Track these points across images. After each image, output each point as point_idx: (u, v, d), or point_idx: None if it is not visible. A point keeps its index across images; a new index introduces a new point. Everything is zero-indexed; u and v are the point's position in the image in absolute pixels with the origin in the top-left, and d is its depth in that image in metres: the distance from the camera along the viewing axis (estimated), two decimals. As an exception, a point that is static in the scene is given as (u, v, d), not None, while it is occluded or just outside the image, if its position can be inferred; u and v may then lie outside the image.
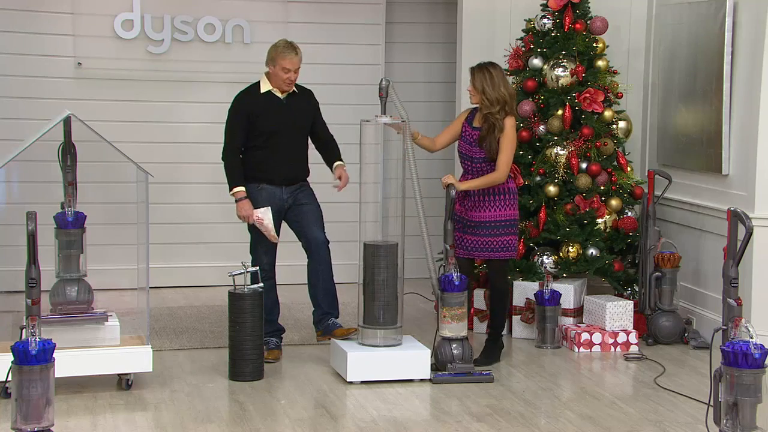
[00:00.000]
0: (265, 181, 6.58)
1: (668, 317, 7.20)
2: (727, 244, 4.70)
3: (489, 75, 6.49)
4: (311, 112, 6.71)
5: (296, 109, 6.62)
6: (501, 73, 6.52)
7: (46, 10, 8.59)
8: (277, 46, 6.55)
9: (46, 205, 6.08)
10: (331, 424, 5.43)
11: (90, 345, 5.88)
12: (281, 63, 6.47)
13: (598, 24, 7.67)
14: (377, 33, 9.19)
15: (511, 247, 6.60)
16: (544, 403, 5.88)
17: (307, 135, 6.74)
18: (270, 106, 6.56)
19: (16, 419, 4.55)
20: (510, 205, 6.57)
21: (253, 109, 6.54)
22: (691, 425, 5.46)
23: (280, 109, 6.58)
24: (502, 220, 6.54)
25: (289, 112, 6.60)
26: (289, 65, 6.47)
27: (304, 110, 6.66)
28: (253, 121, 6.54)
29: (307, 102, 6.70)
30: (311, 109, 6.72)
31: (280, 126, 6.57)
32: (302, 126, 6.66)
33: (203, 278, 8.94)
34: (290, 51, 6.49)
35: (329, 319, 6.64)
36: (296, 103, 6.64)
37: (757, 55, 6.82)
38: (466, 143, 6.59)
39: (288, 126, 6.59)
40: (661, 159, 7.99)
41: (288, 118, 6.59)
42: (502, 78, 6.52)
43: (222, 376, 6.26)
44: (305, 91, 6.74)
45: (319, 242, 6.60)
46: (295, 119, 6.62)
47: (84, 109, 7.42)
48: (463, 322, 6.30)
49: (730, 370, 4.39)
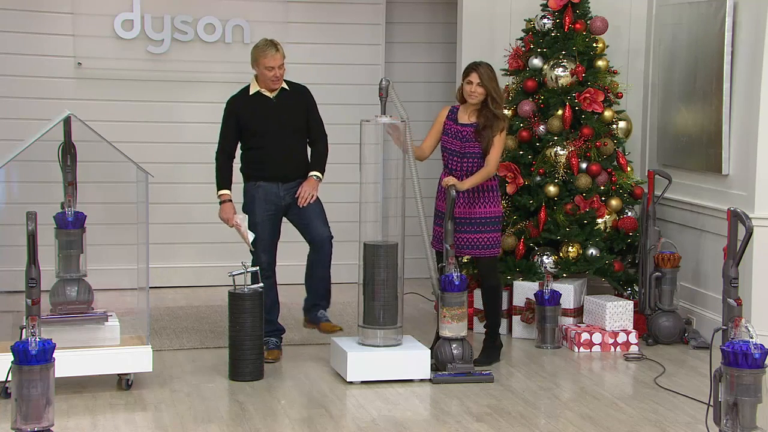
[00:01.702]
0: (261, 179, 6.62)
1: (668, 317, 7.20)
2: (727, 244, 4.70)
3: (492, 71, 6.54)
4: (302, 110, 6.68)
5: (286, 107, 6.63)
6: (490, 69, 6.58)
7: (46, 10, 8.59)
8: (257, 46, 6.57)
9: (46, 205, 6.08)
10: (331, 424, 5.43)
11: (90, 345, 5.88)
12: (263, 62, 6.49)
13: (598, 24, 7.67)
14: (377, 33, 9.19)
15: (497, 244, 6.62)
16: (544, 403, 5.88)
17: (303, 132, 6.70)
18: (258, 106, 6.59)
19: (16, 419, 4.55)
20: (495, 202, 6.59)
21: (241, 111, 6.59)
22: (691, 425, 5.46)
23: (269, 109, 6.60)
24: (488, 217, 6.55)
25: (278, 111, 6.62)
26: (271, 63, 6.48)
27: (295, 108, 6.66)
28: (243, 123, 6.60)
29: (298, 99, 6.68)
30: (302, 106, 6.68)
31: (269, 125, 6.59)
32: (293, 124, 6.63)
33: (203, 278, 8.94)
34: (270, 48, 6.49)
35: (318, 309, 6.70)
36: (286, 102, 6.64)
37: (757, 55, 6.82)
38: (456, 140, 6.57)
39: (278, 125, 6.60)
40: (661, 159, 7.99)
41: (277, 117, 6.60)
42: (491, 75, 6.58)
43: (222, 376, 6.26)
44: (298, 89, 6.71)
45: (323, 238, 6.61)
46: (285, 117, 6.62)
47: (84, 109, 7.43)
48: (463, 322, 6.30)
49: (730, 370, 4.39)
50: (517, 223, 7.57)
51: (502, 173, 7.50)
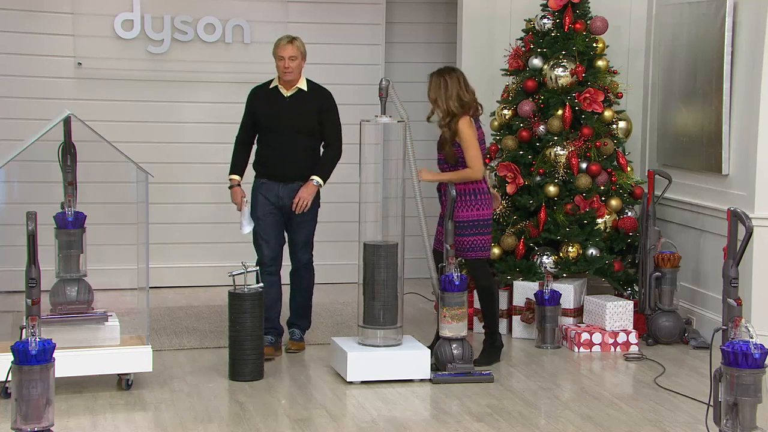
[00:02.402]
0: (265, 176, 6.72)
1: (668, 317, 7.20)
2: (727, 244, 4.70)
3: (444, 83, 6.49)
4: (314, 112, 6.69)
5: (298, 108, 6.65)
6: (458, 80, 6.50)
7: (46, 10, 8.59)
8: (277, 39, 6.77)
9: (46, 205, 6.07)
10: (331, 424, 5.43)
11: (90, 345, 5.88)
12: (276, 51, 6.67)
13: (598, 24, 7.67)
14: (377, 33, 9.19)
15: (484, 247, 6.57)
16: (544, 403, 5.88)
17: (312, 135, 6.71)
18: (271, 103, 6.68)
19: (16, 419, 4.55)
20: (481, 205, 6.51)
21: (255, 104, 6.75)
22: (691, 425, 5.46)
23: (280, 107, 6.65)
24: (473, 220, 6.51)
25: (289, 111, 6.63)
26: (281, 52, 6.62)
27: (306, 110, 6.67)
28: (255, 117, 6.74)
29: (314, 102, 6.70)
30: (315, 109, 6.69)
31: (277, 124, 6.65)
32: (300, 125, 6.65)
33: (203, 278, 8.94)
34: (284, 40, 6.70)
35: (292, 329, 6.92)
36: (300, 103, 6.67)
37: (757, 55, 6.82)
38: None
39: (286, 124, 6.63)
40: (661, 159, 7.99)
41: (286, 116, 6.63)
42: (458, 84, 6.49)
43: (222, 376, 6.26)
44: (317, 91, 6.76)
45: (300, 264, 6.80)
46: (293, 118, 6.64)
47: (84, 109, 7.43)
48: (463, 322, 6.29)
49: (730, 370, 4.39)
50: (517, 223, 7.56)
51: (502, 173, 7.50)
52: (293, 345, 6.84)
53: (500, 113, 7.82)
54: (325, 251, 7.82)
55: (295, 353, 6.79)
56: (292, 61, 6.60)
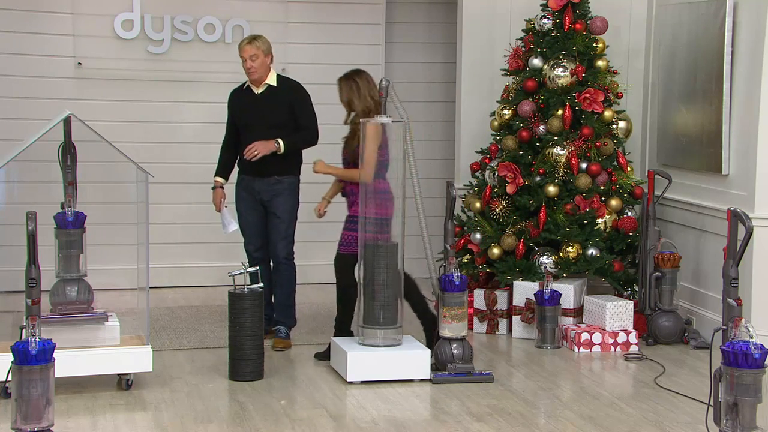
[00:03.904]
0: (243, 172, 6.96)
1: (668, 317, 7.20)
2: (727, 244, 4.71)
3: (356, 86, 6.53)
4: (286, 106, 6.82)
5: (269, 103, 6.82)
6: (367, 81, 6.54)
7: (46, 10, 8.59)
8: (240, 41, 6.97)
9: (46, 205, 6.07)
10: (331, 424, 5.43)
11: (90, 345, 5.88)
12: (239, 54, 6.86)
13: (598, 24, 7.67)
14: (377, 33, 9.19)
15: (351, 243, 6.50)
16: (544, 403, 5.88)
17: (285, 128, 6.80)
18: (244, 102, 6.88)
19: (16, 419, 4.55)
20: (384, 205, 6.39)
21: (232, 105, 7.00)
22: (691, 425, 5.46)
23: (251, 104, 6.85)
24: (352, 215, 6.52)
25: (260, 107, 6.82)
26: (242, 54, 6.83)
27: (277, 104, 6.82)
28: (232, 116, 6.96)
29: (284, 96, 6.84)
30: (286, 102, 6.82)
31: (250, 120, 6.85)
32: (272, 120, 6.80)
33: (203, 278, 8.94)
34: (244, 41, 6.88)
35: (277, 326, 6.96)
36: (271, 99, 6.83)
37: (757, 55, 6.82)
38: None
39: (256, 120, 6.82)
40: (661, 159, 7.99)
41: (257, 113, 6.82)
42: (368, 86, 6.52)
43: (222, 376, 6.26)
44: (287, 85, 6.91)
45: (279, 260, 6.90)
46: (265, 113, 6.80)
47: (84, 109, 7.43)
48: (463, 322, 6.30)
49: (730, 370, 4.39)
50: (517, 223, 7.56)
51: (502, 173, 7.50)
52: (279, 343, 6.88)
53: (500, 113, 7.83)
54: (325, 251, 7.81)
55: (282, 351, 6.81)
56: (253, 60, 6.76)
